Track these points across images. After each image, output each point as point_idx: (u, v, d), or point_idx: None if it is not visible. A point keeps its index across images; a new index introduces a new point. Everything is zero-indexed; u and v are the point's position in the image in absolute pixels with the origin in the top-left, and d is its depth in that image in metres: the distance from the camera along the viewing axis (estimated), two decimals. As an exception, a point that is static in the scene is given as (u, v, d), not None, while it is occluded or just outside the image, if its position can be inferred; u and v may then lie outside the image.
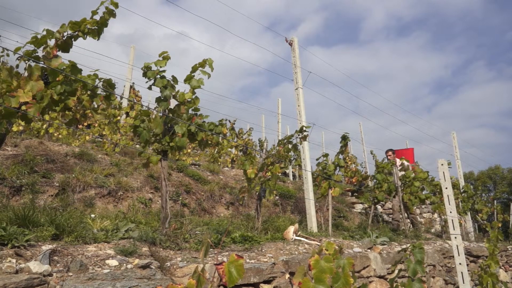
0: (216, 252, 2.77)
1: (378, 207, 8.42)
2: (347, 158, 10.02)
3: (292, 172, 10.88)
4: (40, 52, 2.84)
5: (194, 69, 3.64)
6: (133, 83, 9.31)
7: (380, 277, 3.78)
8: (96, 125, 7.49)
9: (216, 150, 7.99)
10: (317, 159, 5.53)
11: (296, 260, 2.98)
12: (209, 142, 4.03)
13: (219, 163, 8.43)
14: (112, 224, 2.97)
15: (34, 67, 2.71)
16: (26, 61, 2.93)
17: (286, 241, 3.56)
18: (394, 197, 6.72)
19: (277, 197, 6.49)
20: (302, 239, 3.68)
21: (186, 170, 6.16)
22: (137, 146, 8.62)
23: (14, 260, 1.94)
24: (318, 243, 3.66)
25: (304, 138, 4.32)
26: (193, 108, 3.69)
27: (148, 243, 2.67)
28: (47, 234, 2.32)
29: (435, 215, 9.36)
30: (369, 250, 4.00)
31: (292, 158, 4.52)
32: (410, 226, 7.01)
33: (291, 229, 3.65)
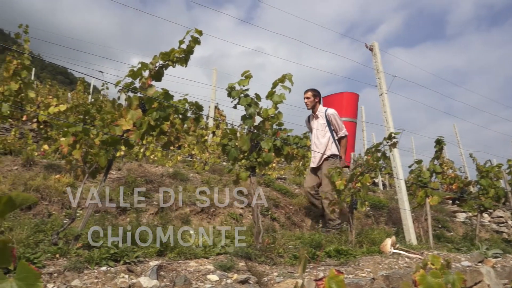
0: (311, 266, 2.73)
1: (485, 215, 7.64)
2: (443, 163, 9.30)
3: (382, 181, 10.39)
4: (137, 83, 3.12)
5: (274, 85, 3.70)
6: (217, 103, 9.75)
7: (495, 293, 3.40)
8: (186, 145, 7.96)
9: (301, 163, 7.96)
10: (409, 166, 5.22)
11: (398, 275, 2.81)
12: (295, 155, 4.04)
13: (304, 175, 8.38)
14: (209, 240, 3.09)
15: (133, 97, 2.98)
16: (126, 93, 3.25)
17: (383, 254, 3.38)
18: (504, 204, 6.05)
19: (368, 208, 6.23)
20: (401, 252, 3.46)
21: (273, 184, 6.22)
22: (224, 163, 8.95)
23: (126, 276, 2.11)
24: (420, 257, 3.41)
25: (394, 145, 4.11)
26: (277, 123, 3.74)
27: (244, 258, 2.73)
28: (153, 251, 2.50)
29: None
30: (480, 264, 3.62)
31: (381, 167, 4.32)
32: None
33: (388, 241, 3.46)
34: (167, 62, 3.19)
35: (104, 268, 2.16)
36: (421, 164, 5.08)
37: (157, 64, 3.17)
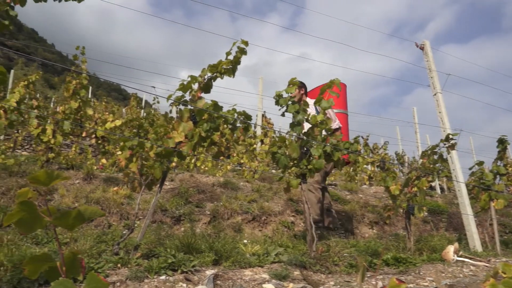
0: (369, 275, 2.64)
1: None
2: (507, 164, 8.70)
3: (439, 184, 9.90)
4: (187, 96, 3.21)
5: (322, 90, 3.65)
6: (264, 111, 9.80)
7: None
8: (235, 154, 8.06)
9: (352, 168, 7.78)
10: (469, 169, 4.93)
11: (463, 284, 2.64)
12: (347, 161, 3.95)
13: (356, 181, 8.18)
14: (262, 248, 3.09)
15: (184, 110, 3.06)
16: (177, 106, 3.35)
17: (446, 262, 3.20)
18: None
19: (425, 214, 5.95)
20: (466, 259, 3.26)
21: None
22: (273, 171, 8.95)
23: (184, 285, 2.15)
24: (487, 264, 3.19)
25: (452, 147, 3.90)
26: (326, 128, 3.68)
27: (298, 267, 2.69)
28: (208, 260, 2.53)
29: None
30: (555, 272, 3.32)
31: (439, 170, 4.11)
32: None
33: (451, 248, 3.27)
34: (215, 74, 3.25)
35: (163, 277, 2.22)
36: (483, 166, 4.77)
37: (206, 77, 3.24)
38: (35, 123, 5.76)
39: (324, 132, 3.67)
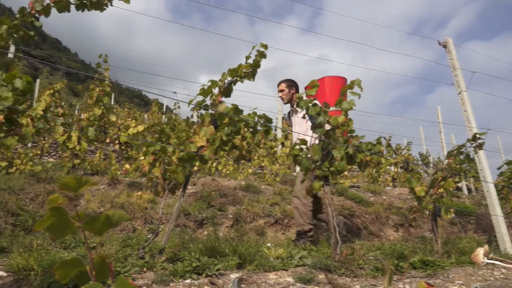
0: (396, 279, 2.58)
1: None
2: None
3: (466, 185, 9.64)
4: (208, 101, 3.23)
5: (343, 91, 3.62)
6: (284, 113, 9.76)
7: None
8: (256, 157, 8.06)
9: (375, 169, 7.66)
10: (498, 168, 4.78)
11: (494, 287, 2.55)
12: (369, 162, 3.89)
13: (379, 183, 8.05)
14: (286, 251, 3.07)
15: (205, 114, 3.08)
16: (198, 110, 3.38)
17: (475, 265, 3.10)
18: None
19: (453, 215, 5.80)
20: (497, 262, 3.15)
21: (346, 193, 6.05)
22: (294, 173, 8.90)
23: (209, 288, 2.16)
24: (519, 267, 3.08)
25: (480, 146, 3.79)
26: (348, 130, 3.64)
27: (323, 270, 2.66)
28: (232, 263, 2.53)
29: None
30: None
31: (465, 170, 4.00)
32: None
33: (481, 251, 3.17)
34: (235, 78, 3.26)
35: (188, 281, 2.23)
36: (512, 165, 4.62)
37: (226, 81, 3.25)
38: (61, 130, 5.92)
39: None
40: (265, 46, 3.22)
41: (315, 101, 4.22)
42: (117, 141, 6.16)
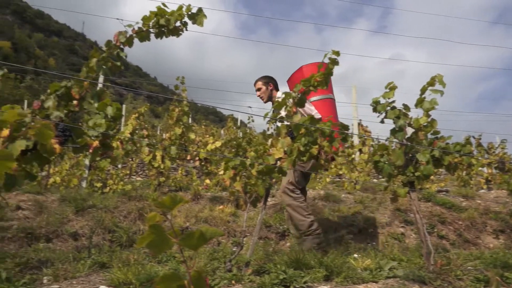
0: (502, 292, 2.34)
1: None
2: None
3: None
4: (282, 112, 3.26)
5: (423, 90, 3.41)
6: (360, 119, 9.50)
7: None
8: (333, 166, 7.90)
9: (465, 172, 7.09)
10: None
11: None
12: (459, 164, 3.62)
13: (471, 186, 7.42)
14: (373, 262, 2.94)
15: (281, 126, 3.11)
16: (273, 123, 3.42)
17: None
18: None
19: None
20: None
21: (434, 198, 5.66)
22: (375, 180, 8.56)
23: (298, 301, 2.14)
24: None
25: None
26: (431, 132, 3.42)
27: (416, 282, 2.50)
28: (319, 276, 2.49)
29: None
30: None
31: None
32: None
33: None
34: (308, 88, 3.25)
35: (276, 293, 2.24)
36: None
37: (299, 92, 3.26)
38: (147, 150, 6.36)
39: (430, 135, 3.41)
40: (337, 53, 3.17)
41: (278, 94, 3.94)
42: (197, 158, 6.45)
